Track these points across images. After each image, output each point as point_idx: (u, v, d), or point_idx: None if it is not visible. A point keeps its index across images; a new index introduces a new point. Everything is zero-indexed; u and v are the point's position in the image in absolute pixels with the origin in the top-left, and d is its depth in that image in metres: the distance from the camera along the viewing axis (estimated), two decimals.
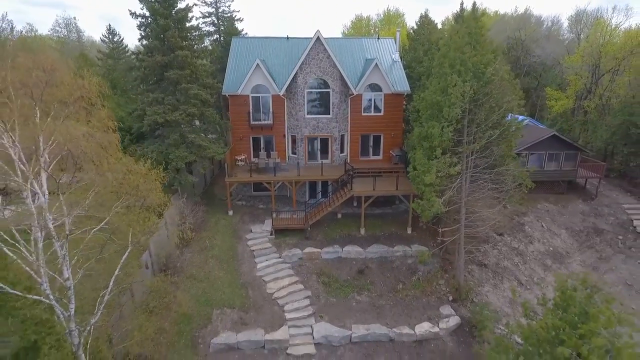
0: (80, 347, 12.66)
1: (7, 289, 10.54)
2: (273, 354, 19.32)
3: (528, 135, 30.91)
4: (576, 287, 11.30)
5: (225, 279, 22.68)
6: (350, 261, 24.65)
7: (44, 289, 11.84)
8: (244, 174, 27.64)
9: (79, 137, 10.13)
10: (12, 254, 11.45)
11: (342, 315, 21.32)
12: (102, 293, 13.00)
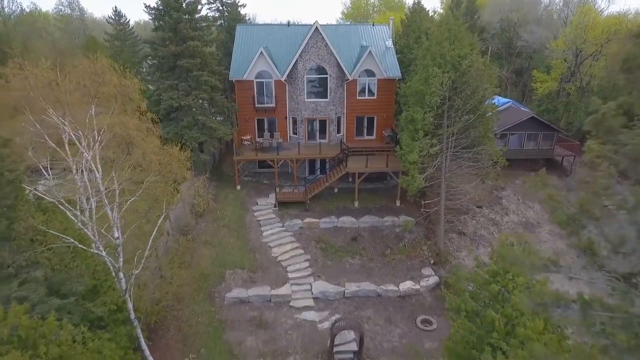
0: (127, 292, 16.02)
1: (76, 243, 13.75)
2: (278, 306, 22.85)
3: (509, 117, 33.72)
4: (513, 243, 14.50)
5: (236, 244, 26.06)
6: (345, 230, 27.96)
7: (98, 246, 15.08)
8: (250, 152, 30.65)
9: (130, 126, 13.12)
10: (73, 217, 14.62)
11: (337, 275, 24.76)
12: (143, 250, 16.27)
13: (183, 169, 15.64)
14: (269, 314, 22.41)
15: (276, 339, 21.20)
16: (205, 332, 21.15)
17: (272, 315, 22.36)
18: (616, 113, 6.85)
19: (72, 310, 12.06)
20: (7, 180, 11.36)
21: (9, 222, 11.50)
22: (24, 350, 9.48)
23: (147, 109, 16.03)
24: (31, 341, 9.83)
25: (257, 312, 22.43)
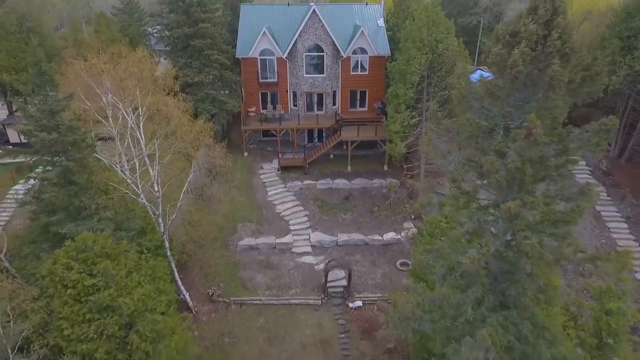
0: (165, 234, 20.50)
1: (129, 193, 18.05)
2: (281, 252, 27.53)
3: None
4: None
5: (245, 202, 30.51)
6: (338, 190, 32.33)
7: (142, 197, 19.39)
8: (255, 123, 34.58)
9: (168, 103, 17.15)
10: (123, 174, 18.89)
11: (331, 228, 29.31)
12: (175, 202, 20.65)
13: (207, 137, 19.76)
14: (274, 258, 27.15)
15: (280, 276, 26.00)
16: (222, 271, 25.94)
17: (277, 259, 27.10)
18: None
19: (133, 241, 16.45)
20: (87, 144, 15.45)
21: (87, 175, 15.68)
22: (110, 260, 13.88)
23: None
24: (114, 255, 14.20)
25: (264, 257, 27.16)
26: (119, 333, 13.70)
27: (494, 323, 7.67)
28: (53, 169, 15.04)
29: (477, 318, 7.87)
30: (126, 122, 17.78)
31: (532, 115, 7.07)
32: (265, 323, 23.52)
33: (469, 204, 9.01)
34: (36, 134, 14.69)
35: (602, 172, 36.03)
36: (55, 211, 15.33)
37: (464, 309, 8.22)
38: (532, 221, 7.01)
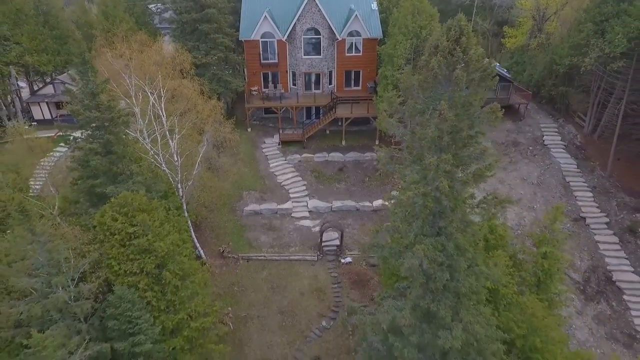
0: (182, 198, 24.05)
1: (154, 161, 21.48)
2: (282, 216, 31.19)
3: None
4: None
5: (250, 173, 33.99)
6: (334, 163, 35.75)
7: (163, 166, 22.82)
8: (257, 101, 37.66)
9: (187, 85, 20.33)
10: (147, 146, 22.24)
11: (327, 196, 32.89)
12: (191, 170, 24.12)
13: (218, 114, 23.03)
14: (276, 222, 30.85)
15: (282, 237, 29.76)
16: (231, 232, 29.69)
17: (278, 223, 30.81)
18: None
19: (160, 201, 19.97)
20: (122, 121, 18.73)
21: (122, 146, 19.04)
22: (146, 214, 17.41)
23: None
24: (148, 210, 17.70)
25: (267, 220, 30.86)
26: (155, 271, 17.39)
27: (427, 243, 11.07)
28: (95, 141, 18.36)
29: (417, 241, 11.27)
30: (147, 101, 21.01)
31: (443, 102, 10.26)
32: (268, 275, 27.42)
33: (412, 162, 12.29)
34: (82, 112, 17.96)
35: (575, 146, 39.31)
36: (98, 176, 18.75)
37: (408, 236, 11.66)
38: (445, 170, 10.22)
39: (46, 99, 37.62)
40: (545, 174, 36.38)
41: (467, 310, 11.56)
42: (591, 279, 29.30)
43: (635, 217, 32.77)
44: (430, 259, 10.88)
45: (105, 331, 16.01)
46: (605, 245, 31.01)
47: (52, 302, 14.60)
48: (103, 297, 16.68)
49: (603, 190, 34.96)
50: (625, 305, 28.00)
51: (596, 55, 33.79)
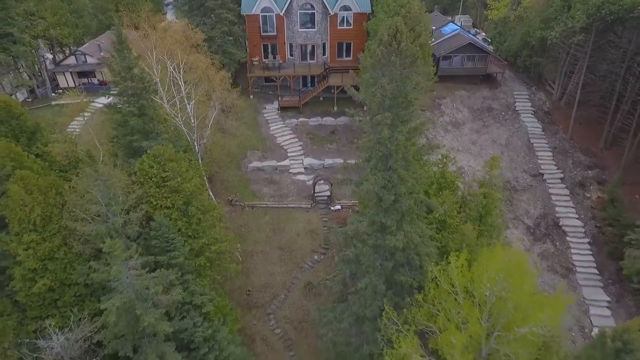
0: (198, 153, 29.06)
1: (176, 122, 26.36)
2: (281, 172, 36.33)
3: (454, 42, 44.24)
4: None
5: (252, 135, 38.88)
6: (326, 126, 40.52)
7: (182, 126, 27.68)
8: (258, 70, 41.95)
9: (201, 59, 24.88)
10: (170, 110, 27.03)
11: (320, 155, 37.89)
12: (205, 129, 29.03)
13: (227, 83, 27.69)
14: (276, 176, 36.03)
15: (281, 189, 35.01)
16: (237, 185, 34.93)
17: (278, 177, 35.99)
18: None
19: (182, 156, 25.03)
20: (152, 89, 23.42)
21: (152, 110, 23.85)
22: (175, 162, 22.47)
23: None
24: (176, 160, 22.71)
25: (268, 175, 36.03)
26: (183, 206, 22.63)
27: (379, 175, 16.03)
28: (132, 106, 23.13)
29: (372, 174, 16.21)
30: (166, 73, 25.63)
31: (383, 79, 14.93)
32: (270, 219, 32.89)
33: (368, 119, 17.01)
34: (121, 82, 22.62)
35: (543, 112, 43.92)
36: (134, 133, 23.64)
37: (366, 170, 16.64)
38: (386, 124, 14.96)
39: (70, 69, 41.94)
40: (514, 136, 41.20)
41: (407, 223, 16.71)
42: (541, 224, 34.78)
43: (587, 174, 37.91)
44: (380, 186, 15.87)
45: (149, 249, 21.41)
46: (557, 196, 36.31)
47: (111, 224, 19.91)
48: (146, 224, 21.97)
49: (562, 150, 39.90)
50: (567, 244, 33.60)
51: (561, 29, 37.86)
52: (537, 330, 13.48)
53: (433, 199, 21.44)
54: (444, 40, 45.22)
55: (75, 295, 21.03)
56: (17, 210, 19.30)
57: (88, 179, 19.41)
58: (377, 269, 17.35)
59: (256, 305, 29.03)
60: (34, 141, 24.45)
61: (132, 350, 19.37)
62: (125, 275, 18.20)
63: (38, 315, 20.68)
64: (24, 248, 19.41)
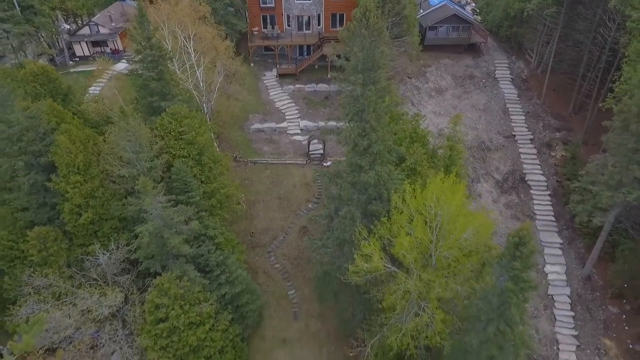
0: (207, 114, 33.28)
1: (188, 87, 30.47)
2: (280, 133, 40.64)
3: (440, 13, 47.51)
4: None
5: (254, 100, 42.94)
6: (321, 92, 44.48)
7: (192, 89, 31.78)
8: (258, 40, 45.48)
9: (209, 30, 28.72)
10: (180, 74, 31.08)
11: (314, 117, 42.07)
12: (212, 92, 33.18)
13: (231, 52, 31.60)
14: (275, 137, 40.36)
15: (279, 147, 39.42)
16: (241, 144, 39.32)
17: (277, 137, 40.33)
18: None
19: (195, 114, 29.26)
20: (168, 56, 27.40)
21: (168, 75, 27.92)
22: (189, 119, 26.75)
23: None
24: (190, 117, 26.97)
25: (268, 136, 40.36)
26: (197, 156, 27.11)
27: (355, 125, 20.35)
28: (152, 71, 27.17)
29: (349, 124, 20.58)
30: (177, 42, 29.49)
31: (355, 47, 18.98)
32: (270, 173, 37.47)
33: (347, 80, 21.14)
34: (142, 50, 26.57)
35: (521, 79, 47.72)
36: (153, 95, 27.82)
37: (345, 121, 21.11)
38: (359, 83, 19.17)
39: (84, 39, 45.48)
40: (491, 101, 45.21)
41: (378, 164, 21.14)
42: (509, 179, 39.38)
43: (554, 135, 42.20)
44: (356, 133, 20.23)
45: (170, 190, 25.99)
46: (526, 155, 40.74)
47: (140, 168, 24.47)
48: (167, 170, 26.49)
49: (534, 114, 44.03)
50: (530, 196, 38.30)
51: (537, 1, 41.20)
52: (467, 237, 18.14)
53: (406, 149, 25.91)
54: (432, 11, 48.46)
55: (111, 228, 25.86)
56: (64, 156, 23.79)
57: (121, 131, 23.79)
58: (355, 201, 21.95)
59: (258, 245, 34.02)
60: (68, 102, 28.74)
61: (161, 268, 24.33)
62: (154, 207, 22.89)
63: (82, 243, 25.58)
64: (71, 187, 24.03)
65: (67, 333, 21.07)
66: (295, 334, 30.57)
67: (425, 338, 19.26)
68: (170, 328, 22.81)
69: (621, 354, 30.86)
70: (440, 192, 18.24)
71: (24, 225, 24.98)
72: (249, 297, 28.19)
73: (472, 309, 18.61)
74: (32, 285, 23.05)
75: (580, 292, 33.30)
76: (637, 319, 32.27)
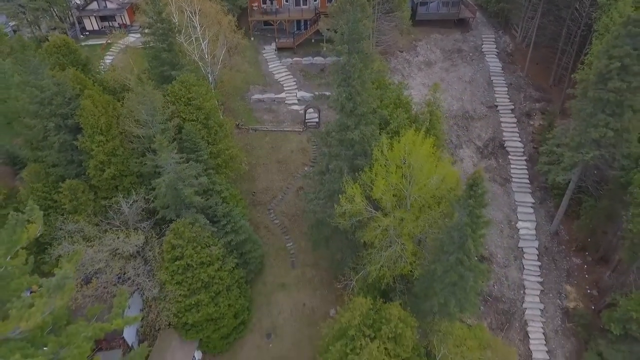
0: (212, 83, 36.44)
1: (194, 58, 33.54)
2: (279, 103, 43.83)
3: None
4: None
5: (254, 72, 45.90)
6: (317, 65, 47.37)
7: (197, 59, 34.85)
8: (258, 15, 48.06)
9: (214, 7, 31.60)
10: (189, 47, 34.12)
11: (310, 89, 45.14)
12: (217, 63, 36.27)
13: (233, 26, 34.51)
14: (275, 106, 43.57)
15: (278, 116, 42.69)
16: (243, 112, 42.59)
17: (276, 107, 43.54)
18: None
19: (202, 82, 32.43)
20: (176, 30, 30.38)
21: (177, 46, 30.95)
22: (197, 87, 29.92)
23: None
24: (197, 85, 30.21)
25: (268, 105, 43.56)
26: (204, 120, 30.49)
27: (342, 89, 23.63)
28: (162, 43, 30.19)
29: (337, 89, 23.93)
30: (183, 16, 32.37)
31: (341, 21, 21.97)
32: (269, 140, 40.89)
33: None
34: (153, 23, 29.55)
35: (506, 53, 50.46)
36: (164, 65, 30.95)
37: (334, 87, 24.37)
38: (345, 52, 22.29)
39: (93, 13, 48.06)
40: (477, 74, 48.13)
41: (363, 124, 24.48)
42: (489, 145, 42.79)
43: (534, 105, 45.35)
44: (343, 97, 23.47)
45: (182, 150, 29.45)
46: (506, 124, 44.01)
47: (156, 129, 27.89)
48: (178, 133, 29.87)
49: (517, 86, 47.04)
50: (508, 161, 41.79)
51: None
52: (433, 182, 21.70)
53: (389, 114, 29.25)
54: None
55: (130, 182, 29.48)
56: (89, 118, 27.17)
57: (139, 96, 27.09)
58: (342, 156, 25.42)
59: (260, 203, 37.78)
60: (87, 71, 31.91)
61: (175, 216, 28.05)
62: (169, 162, 26.42)
63: (106, 196, 29.24)
64: (95, 146, 27.50)
65: (100, 266, 24.97)
66: (292, 279, 34.66)
67: (399, 268, 23.12)
68: (185, 265, 26.72)
69: (579, 297, 35.04)
70: (411, 144, 21.72)
71: (55, 179, 28.56)
72: (251, 246, 32.06)
73: (438, 243, 22.41)
74: (65, 230, 26.84)
75: (547, 245, 37.24)
76: (596, 268, 36.33)
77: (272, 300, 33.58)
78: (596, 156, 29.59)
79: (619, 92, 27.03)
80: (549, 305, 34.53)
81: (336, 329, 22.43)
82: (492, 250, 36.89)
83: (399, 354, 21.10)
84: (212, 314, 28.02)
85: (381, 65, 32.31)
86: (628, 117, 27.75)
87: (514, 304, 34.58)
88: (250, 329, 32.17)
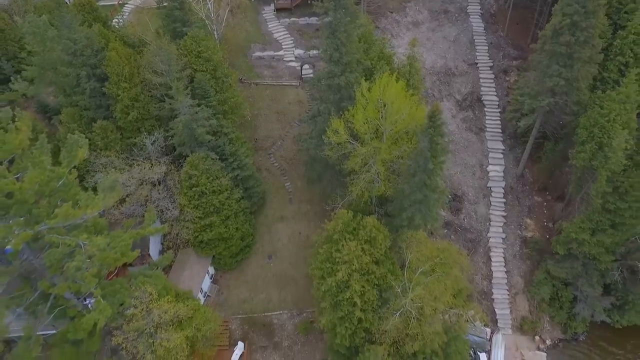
0: (218, 39, 40.69)
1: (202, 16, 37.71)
2: (278, 60, 48.07)
3: None
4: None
5: (254, 31, 49.88)
6: (313, 25, 51.17)
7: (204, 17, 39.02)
8: None
9: None
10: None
11: (306, 46, 49.20)
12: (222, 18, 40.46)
13: None
14: (274, 63, 47.88)
15: (277, 72, 47.08)
16: (245, 68, 46.91)
17: (275, 64, 47.85)
18: None
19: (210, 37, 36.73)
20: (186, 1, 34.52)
21: (188, 4, 35.12)
22: (206, 41, 34.31)
23: None
24: (206, 40, 34.54)
25: (267, 62, 47.86)
26: (212, 71, 35.01)
27: (329, 40, 28.13)
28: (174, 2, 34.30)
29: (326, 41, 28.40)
30: None
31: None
32: (269, 93, 45.51)
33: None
34: None
35: (489, 14, 54.02)
36: (176, 22, 35.19)
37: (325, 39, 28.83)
38: (332, 8, 26.67)
39: None
40: (461, 34, 51.97)
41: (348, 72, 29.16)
42: (467, 99, 47.36)
43: (511, 63, 49.54)
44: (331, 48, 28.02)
45: (194, 96, 34.10)
46: (484, 80, 48.36)
47: (171, 77, 32.57)
48: (190, 82, 34.45)
49: (497, 45, 51.03)
50: (484, 113, 46.49)
51: None
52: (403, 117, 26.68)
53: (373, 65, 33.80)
54: None
55: (151, 125, 34.42)
56: (114, 67, 31.78)
57: (157, 48, 31.62)
58: (330, 99, 30.27)
59: (261, 148, 42.88)
60: (107, 27, 36.22)
61: (190, 152, 33.17)
62: (184, 105, 31.30)
63: (130, 136, 34.26)
64: (120, 91, 32.24)
65: (131, 189, 30.39)
66: (290, 213, 40.26)
67: (375, 190, 28.50)
68: (200, 192, 32.13)
69: (537, 229, 40.76)
70: (385, 85, 26.52)
71: (87, 121, 33.50)
72: (254, 182, 37.42)
73: (405, 167, 27.66)
74: (99, 163, 32.05)
75: (513, 186, 42.64)
76: (554, 205, 41.85)
77: (273, 229, 39.30)
78: (551, 103, 34.35)
79: (569, 46, 31.48)
80: (510, 235, 40.30)
81: (324, 236, 28.03)
82: (465, 190, 42.31)
83: (373, 253, 26.75)
84: (223, 233, 33.71)
85: (366, 21, 36.34)
86: (577, 68, 32.31)
87: (480, 234, 40.37)
88: (254, 252, 38.05)
